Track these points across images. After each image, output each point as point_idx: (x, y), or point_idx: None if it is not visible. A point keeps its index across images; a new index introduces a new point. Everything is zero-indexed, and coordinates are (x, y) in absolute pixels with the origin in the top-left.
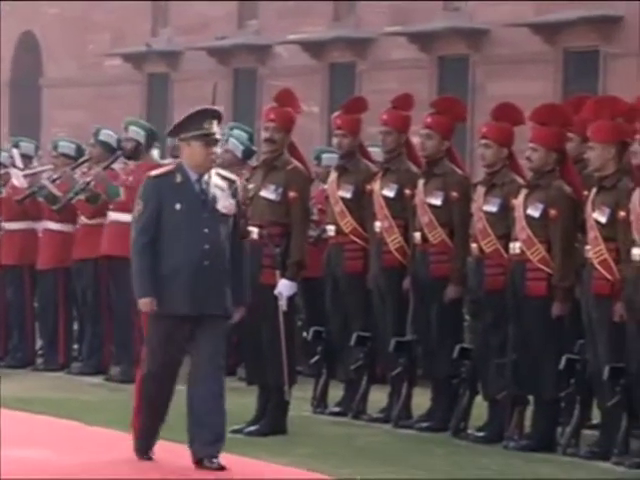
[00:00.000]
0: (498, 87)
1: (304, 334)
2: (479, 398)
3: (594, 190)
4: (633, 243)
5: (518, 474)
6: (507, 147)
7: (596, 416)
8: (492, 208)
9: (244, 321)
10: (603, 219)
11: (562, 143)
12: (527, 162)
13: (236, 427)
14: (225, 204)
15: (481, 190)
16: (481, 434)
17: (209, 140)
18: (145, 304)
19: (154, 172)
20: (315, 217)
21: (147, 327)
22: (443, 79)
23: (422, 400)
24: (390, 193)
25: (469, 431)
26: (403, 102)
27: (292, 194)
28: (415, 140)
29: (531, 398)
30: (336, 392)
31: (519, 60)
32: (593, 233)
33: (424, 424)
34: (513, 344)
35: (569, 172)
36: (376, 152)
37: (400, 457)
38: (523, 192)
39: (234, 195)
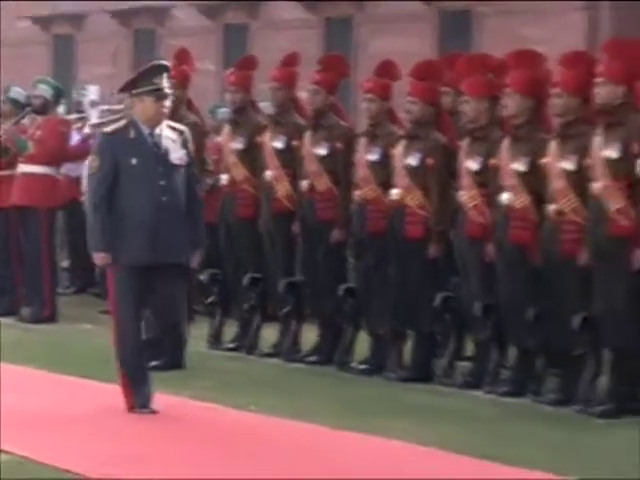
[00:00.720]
0: (379, 45)
1: (200, 276)
2: (362, 333)
3: (467, 140)
4: (502, 189)
5: (398, 402)
6: (388, 101)
7: (469, 349)
8: (374, 157)
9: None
10: (476, 167)
11: (438, 97)
12: (407, 114)
13: None
14: (178, 155)
15: (363, 141)
16: (364, 366)
17: (160, 94)
18: (100, 258)
19: (108, 128)
20: (210, 167)
21: (113, 280)
22: (329, 38)
23: (310, 336)
24: (279, 144)
25: (353, 364)
26: (292, 60)
27: None
28: (303, 95)
29: (410, 333)
30: (231, 329)
31: (398, 19)
32: (466, 180)
33: (311, 358)
34: (393, 283)
35: (444, 124)
36: (266, 106)
37: (290, 387)
38: (402, 143)
39: (184, 145)
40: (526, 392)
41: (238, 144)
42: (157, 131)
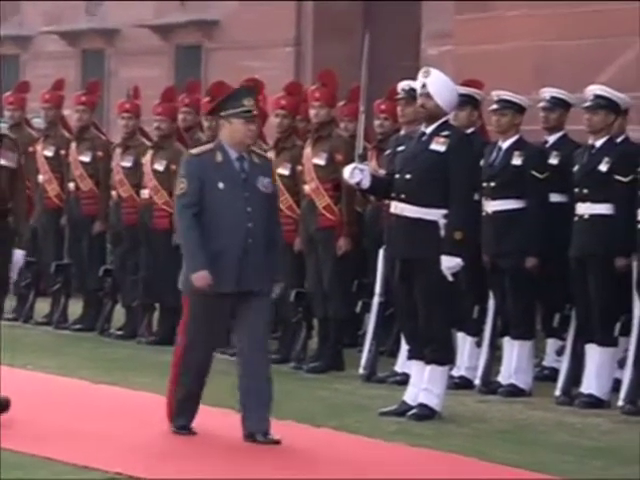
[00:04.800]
0: (128, 73)
1: None
2: (118, 306)
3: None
4: None
5: (147, 361)
6: (139, 118)
7: None
8: (128, 164)
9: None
10: None
11: (177, 115)
12: (156, 130)
13: None
14: (264, 182)
15: (119, 150)
16: (120, 332)
17: (249, 117)
18: (200, 278)
19: (194, 150)
20: None
21: (190, 302)
22: (86, 67)
23: (76, 308)
24: (49, 153)
25: (111, 330)
26: (59, 85)
27: None
28: (67, 112)
29: (157, 305)
30: (10, 303)
31: (143, 52)
32: None
33: (77, 326)
34: (144, 265)
35: (182, 137)
36: (38, 122)
37: (59, 350)
38: (150, 152)
39: (269, 173)
40: None
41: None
42: (245, 156)
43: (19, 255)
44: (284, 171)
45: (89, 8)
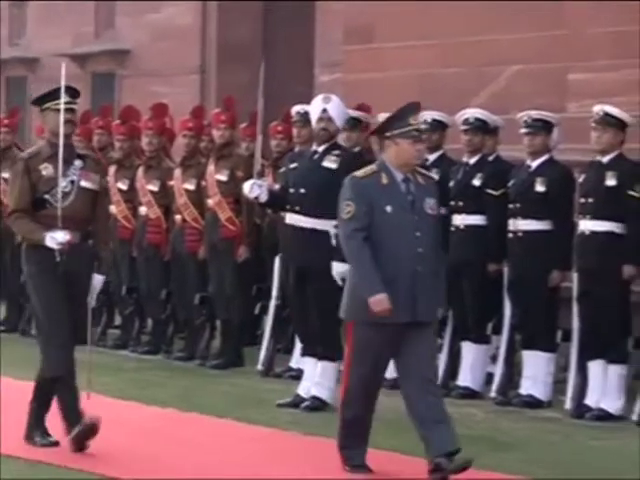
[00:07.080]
0: None
1: None
2: None
3: (115, 167)
4: (141, 204)
5: None
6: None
7: (117, 320)
8: None
9: None
10: (124, 187)
11: (91, 137)
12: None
13: None
14: (430, 204)
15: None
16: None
17: (417, 136)
18: (379, 302)
19: (359, 173)
20: None
21: (354, 335)
22: (10, 95)
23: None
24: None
25: (33, 332)
26: None
27: None
28: None
29: None
30: None
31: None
32: (117, 197)
33: (0, 328)
34: None
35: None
36: None
37: None
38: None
39: (434, 194)
40: (160, 351)
41: None
42: (410, 177)
43: (98, 280)
44: (190, 186)
45: (12, 39)
